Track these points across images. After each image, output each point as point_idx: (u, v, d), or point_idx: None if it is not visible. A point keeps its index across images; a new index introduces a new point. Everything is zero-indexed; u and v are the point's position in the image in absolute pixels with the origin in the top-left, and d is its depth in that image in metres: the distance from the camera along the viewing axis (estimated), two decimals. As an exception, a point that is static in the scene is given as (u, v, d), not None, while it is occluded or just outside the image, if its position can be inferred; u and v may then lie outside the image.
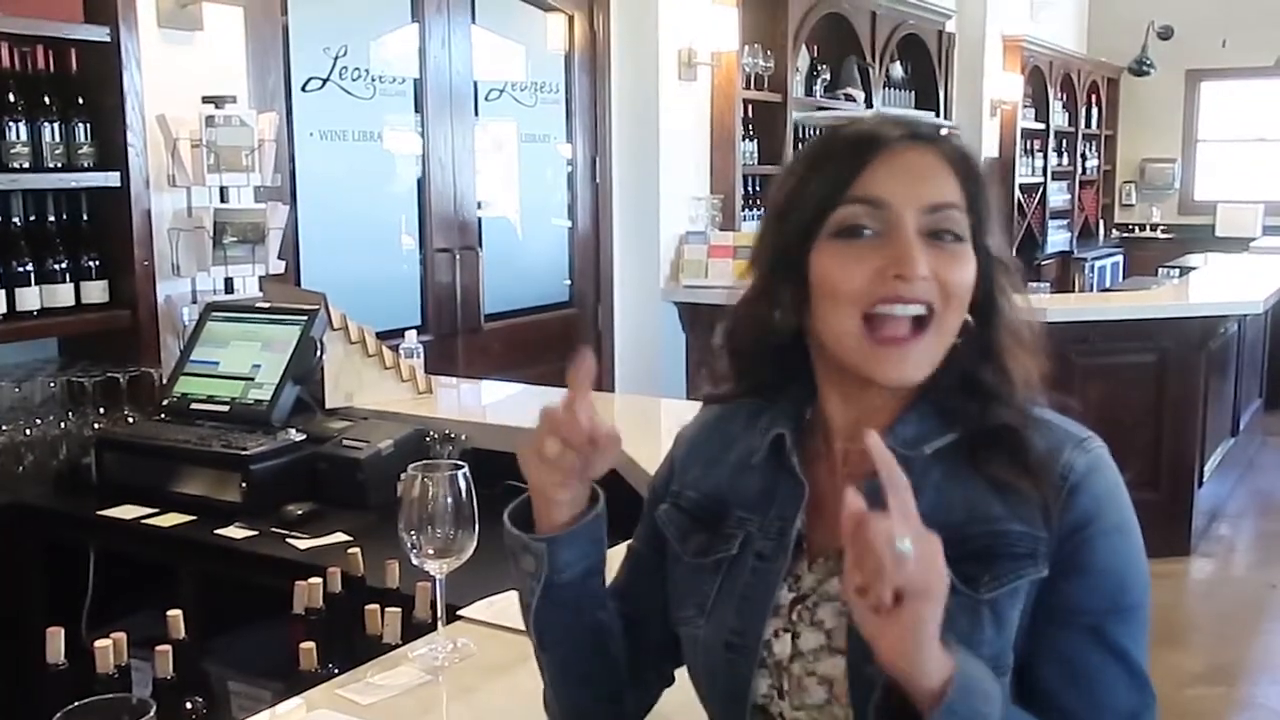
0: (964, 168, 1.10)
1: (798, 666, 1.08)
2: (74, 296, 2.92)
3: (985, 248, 1.09)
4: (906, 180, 1.07)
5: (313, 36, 3.84)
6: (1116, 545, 1.06)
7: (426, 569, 1.41)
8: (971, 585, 1.01)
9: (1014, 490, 1.04)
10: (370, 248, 4.22)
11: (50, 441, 2.86)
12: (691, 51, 5.09)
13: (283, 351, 2.65)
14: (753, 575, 1.12)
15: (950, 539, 0.97)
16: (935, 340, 1.07)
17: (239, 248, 3.08)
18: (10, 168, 2.76)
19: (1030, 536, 1.03)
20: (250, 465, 2.44)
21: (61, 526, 2.63)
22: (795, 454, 1.13)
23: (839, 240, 1.07)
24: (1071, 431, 1.09)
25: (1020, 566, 1.03)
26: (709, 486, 1.18)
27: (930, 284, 1.05)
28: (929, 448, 1.08)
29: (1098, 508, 1.05)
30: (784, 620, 1.10)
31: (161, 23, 3.07)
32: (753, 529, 1.13)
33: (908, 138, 1.09)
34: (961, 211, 1.08)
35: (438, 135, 4.34)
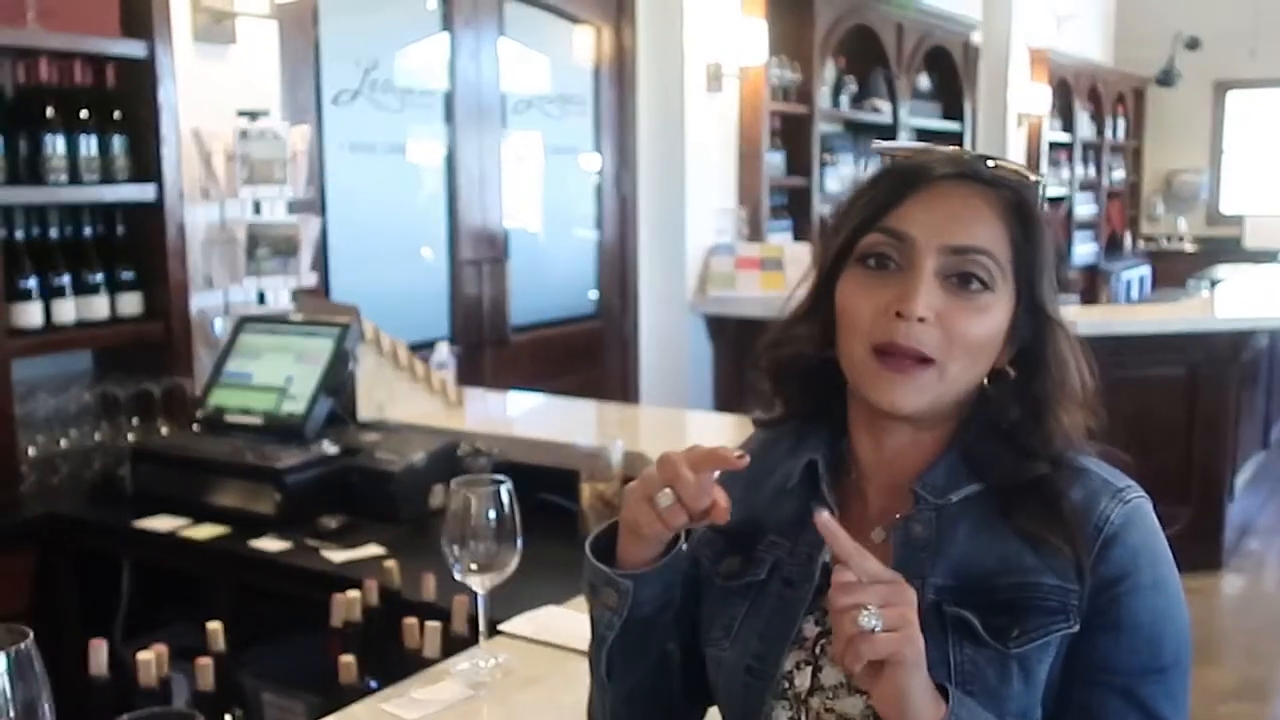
0: (1016, 216, 1.06)
1: (816, 701, 1.07)
2: (109, 309, 2.94)
3: (1033, 301, 1.07)
4: (937, 217, 1.04)
5: (344, 50, 3.86)
6: (1151, 602, 1.02)
7: (469, 584, 1.41)
8: (1000, 639, 1.00)
9: (1045, 544, 1.02)
10: (399, 259, 4.24)
11: (85, 452, 2.88)
12: (718, 64, 5.10)
13: (316, 364, 2.66)
14: (778, 601, 1.11)
15: (979, 589, 0.99)
16: (936, 381, 1.04)
17: (272, 260, 3.10)
18: (48, 181, 2.78)
19: (1062, 590, 1.01)
20: (284, 477, 2.45)
21: (96, 537, 2.64)
22: (826, 481, 1.12)
23: (861, 267, 1.06)
24: (1110, 482, 1.06)
25: (1051, 621, 1.00)
26: (747, 509, 1.16)
27: (931, 330, 1.02)
28: (956, 496, 1.06)
29: (1134, 562, 1.02)
30: (807, 653, 1.08)
31: (197, 37, 3.10)
32: (782, 554, 1.12)
33: (955, 176, 1.06)
34: (994, 259, 1.04)
35: (466, 147, 4.36)
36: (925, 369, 1.03)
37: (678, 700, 1.20)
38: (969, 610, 1.01)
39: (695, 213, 5.12)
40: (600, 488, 2.36)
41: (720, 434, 3.09)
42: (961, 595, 1.02)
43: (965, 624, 1.01)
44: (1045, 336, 1.08)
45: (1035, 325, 1.07)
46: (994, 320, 1.05)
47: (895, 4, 6.23)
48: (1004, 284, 1.05)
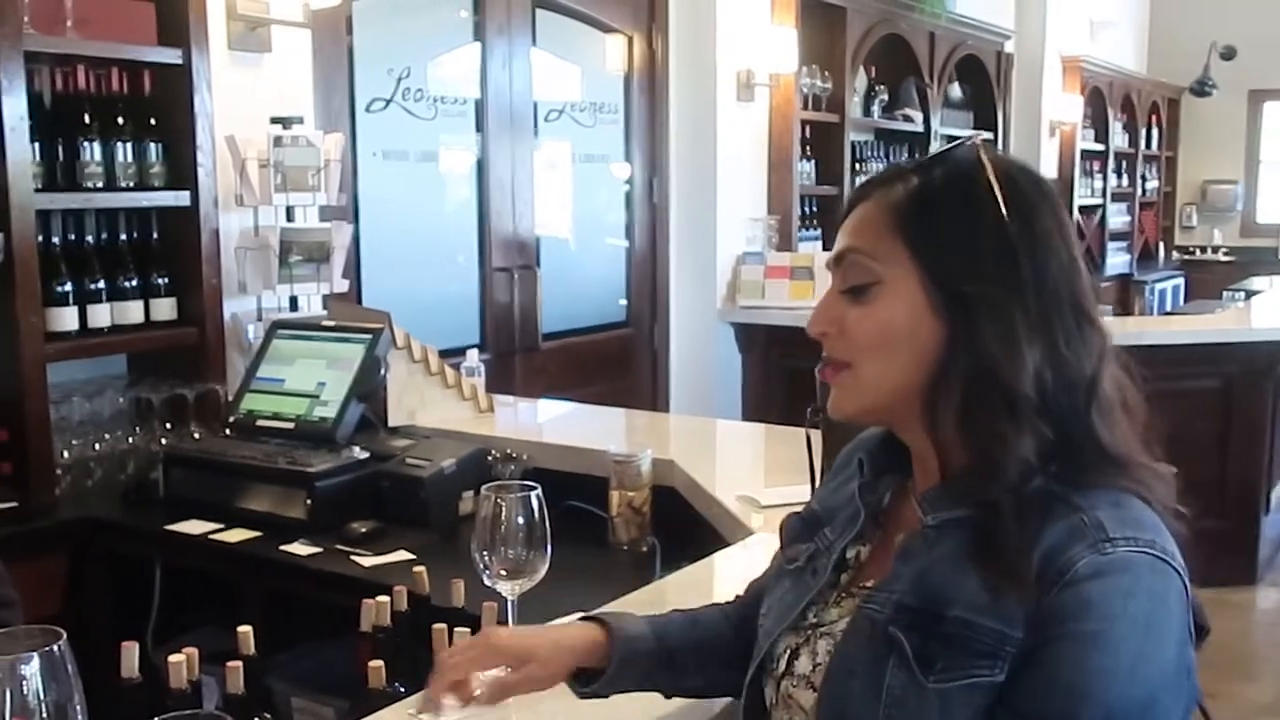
0: (911, 199, 1.04)
1: (786, 684, 1.12)
2: (144, 314, 2.96)
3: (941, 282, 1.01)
4: (839, 234, 1.10)
5: (377, 58, 3.89)
6: (1083, 655, 0.91)
7: (498, 590, 1.41)
8: (924, 669, 0.96)
9: (1000, 592, 0.94)
10: (430, 266, 4.25)
11: (119, 456, 2.91)
12: (750, 73, 5.10)
13: (347, 370, 2.67)
14: (801, 589, 1.15)
15: (931, 616, 0.97)
16: (853, 382, 1.07)
17: (304, 266, 3.12)
18: (84, 187, 2.82)
19: (999, 634, 0.94)
20: (315, 483, 2.46)
21: (128, 540, 2.66)
22: (864, 482, 1.16)
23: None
24: (1103, 529, 0.95)
25: (976, 663, 0.94)
26: (829, 501, 1.21)
27: (835, 340, 1.07)
28: (941, 517, 1.02)
29: (1079, 609, 0.92)
30: (798, 638, 1.13)
31: (232, 45, 3.13)
32: (822, 546, 1.16)
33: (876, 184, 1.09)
34: (864, 253, 1.05)
35: (498, 155, 4.37)
36: (840, 372, 1.08)
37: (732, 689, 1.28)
38: (911, 635, 0.97)
39: (725, 221, 5.12)
40: (629, 495, 2.36)
41: (749, 442, 3.09)
42: (913, 618, 0.98)
43: (901, 648, 0.97)
44: (974, 322, 1.00)
45: (953, 310, 1.01)
46: (884, 311, 1.03)
47: (927, 13, 6.22)
48: (895, 271, 1.03)
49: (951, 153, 1.07)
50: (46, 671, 0.90)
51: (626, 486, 2.36)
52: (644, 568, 2.25)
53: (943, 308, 1.01)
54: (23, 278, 2.66)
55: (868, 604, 1.03)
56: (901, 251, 1.03)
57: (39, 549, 2.62)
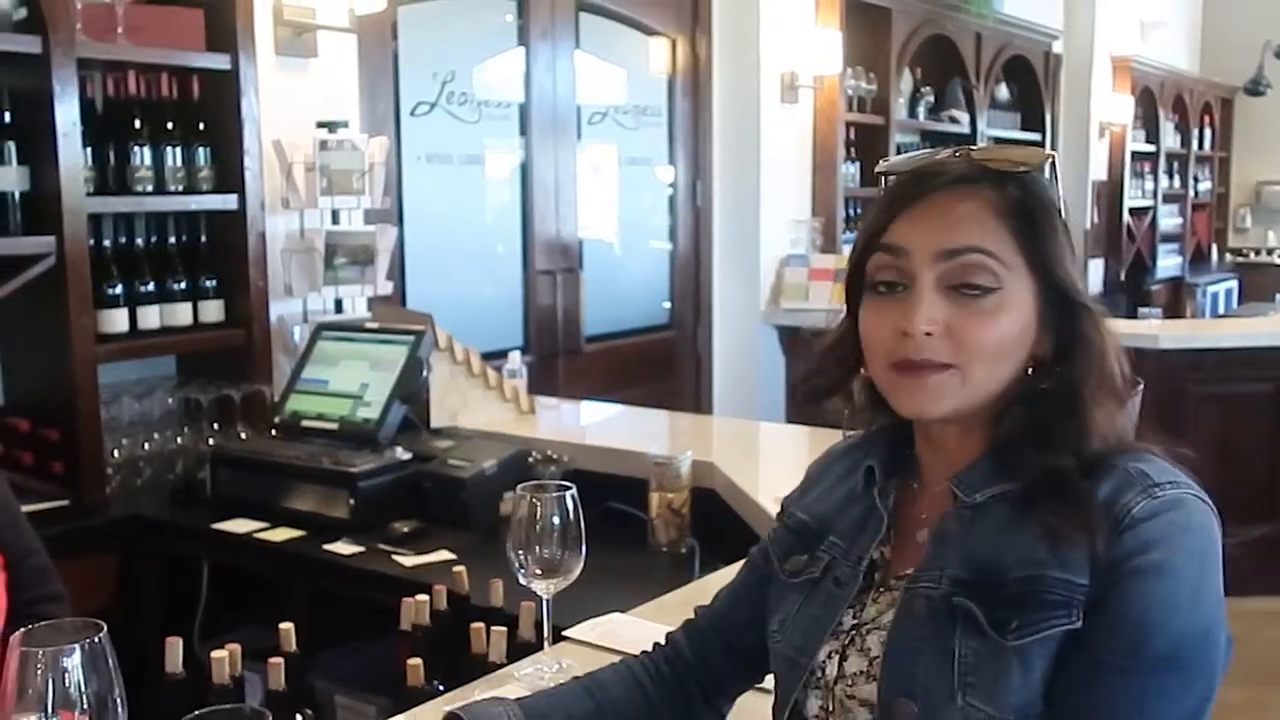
0: (1019, 208, 1.06)
1: (840, 688, 1.10)
2: (192, 315, 3.01)
3: (1055, 288, 1.06)
4: (932, 226, 1.05)
5: (422, 62, 3.92)
6: (1149, 587, 0.96)
7: (533, 589, 1.43)
8: (999, 631, 0.99)
9: (1063, 537, 0.99)
10: (474, 269, 4.28)
11: (167, 455, 2.95)
12: (793, 75, 5.09)
13: (390, 371, 2.70)
14: (826, 600, 1.14)
15: (991, 583, 1.00)
16: (958, 385, 1.05)
17: (349, 269, 3.15)
18: (135, 191, 2.87)
19: (1068, 584, 0.98)
20: (358, 483, 2.49)
21: (176, 539, 2.70)
22: (879, 486, 1.16)
23: (873, 294, 1.09)
24: (1148, 476, 1.02)
25: (1052, 615, 0.98)
26: (819, 510, 1.22)
27: (940, 341, 1.04)
28: (987, 494, 1.06)
29: (1141, 546, 0.98)
30: (839, 643, 1.12)
31: (279, 50, 3.17)
32: (838, 555, 1.16)
33: (951, 183, 1.07)
34: (992, 255, 1.04)
35: (541, 158, 4.39)
36: (943, 372, 1.05)
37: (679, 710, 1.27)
38: (976, 603, 1.01)
39: (769, 224, 5.11)
40: (669, 497, 2.37)
41: (791, 445, 3.08)
42: (973, 588, 1.02)
43: (970, 616, 1.01)
44: (1073, 322, 1.07)
45: (1062, 312, 1.07)
46: (1008, 321, 1.05)
47: (974, 13, 6.17)
48: (1014, 277, 1.05)
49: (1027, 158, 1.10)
50: (88, 663, 0.92)
51: (666, 488, 2.37)
52: (683, 569, 2.26)
53: (1049, 317, 1.07)
54: (74, 280, 2.70)
55: (915, 586, 1.06)
56: (1018, 258, 1.05)
57: (89, 546, 2.66)
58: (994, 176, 1.08)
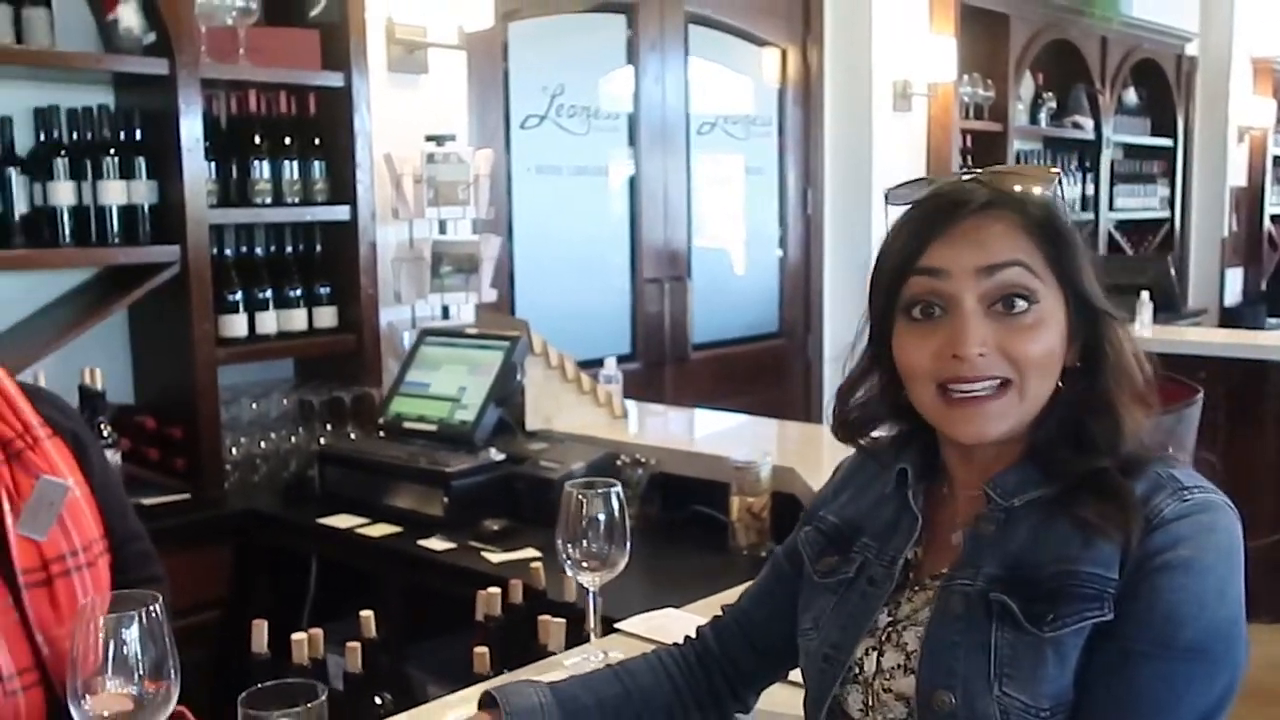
0: (1043, 225, 1.10)
1: (878, 683, 1.14)
2: (307, 321, 3.16)
3: (1081, 299, 1.11)
4: (969, 245, 1.08)
5: (532, 77, 4.04)
6: (1178, 581, 1.02)
7: (580, 581, 1.49)
8: (1036, 624, 1.04)
9: (1096, 531, 1.04)
10: (582, 277, 4.37)
11: (282, 454, 3.11)
12: (906, 83, 5.07)
13: (487, 375, 2.79)
14: (861, 598, 1.18)
15: (1026, 579, 1.05)
16: (1016, 402, 1.08)
17: (454, 277, 3.27)
18: (254, 203, 3.03)
19: (1100, 578, 1.03)
20: (451, 482, 2.59)
21: (286, 533, 2.84)
22: (913, 489, 1.19)
23: (908, 320, 1.11)
24: (1178, 480, 1.07)
25: (1086, 607, 1.03)
26: (850, 513, 1.26)
27: (993, 359, 1.07)
28: (1020, 500, 1.10)
29: (1170, 543, 1.03)
30: (876, 640, 1.15)
31: (391, 68, 3.30)
32: (871, 555, 1.20)
33: (980, 205, 1.10)
34: (1028, 268, 1.08)
35: (650, 168, 4.47)
36: (1002, 395, 1.08)
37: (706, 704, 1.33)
38: (1013, 598, 1.05)
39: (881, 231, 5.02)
40: (749, 500, 2.41)
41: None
42: (1009, 585, 1.06)
43: (1007, 610, 1.05)
44: (1100, 329, 1.11)
45: (1089, 321, 1.11)
46: (1050, 332, 1.09)
47: (1098, 17, 6.03)
48: (1048, 291, 1.09)
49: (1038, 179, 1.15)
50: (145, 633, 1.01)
51: (746, 492, 2.41)
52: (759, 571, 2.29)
53: (1076, 327, 1.11)
54: (197, 287, 2.88)
55: (951, 584, 1.10)
56: (1049, 273, 1.09)
57: (207, 538, 2.82)
58: (1017, 200, 1.11)
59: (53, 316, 2.90)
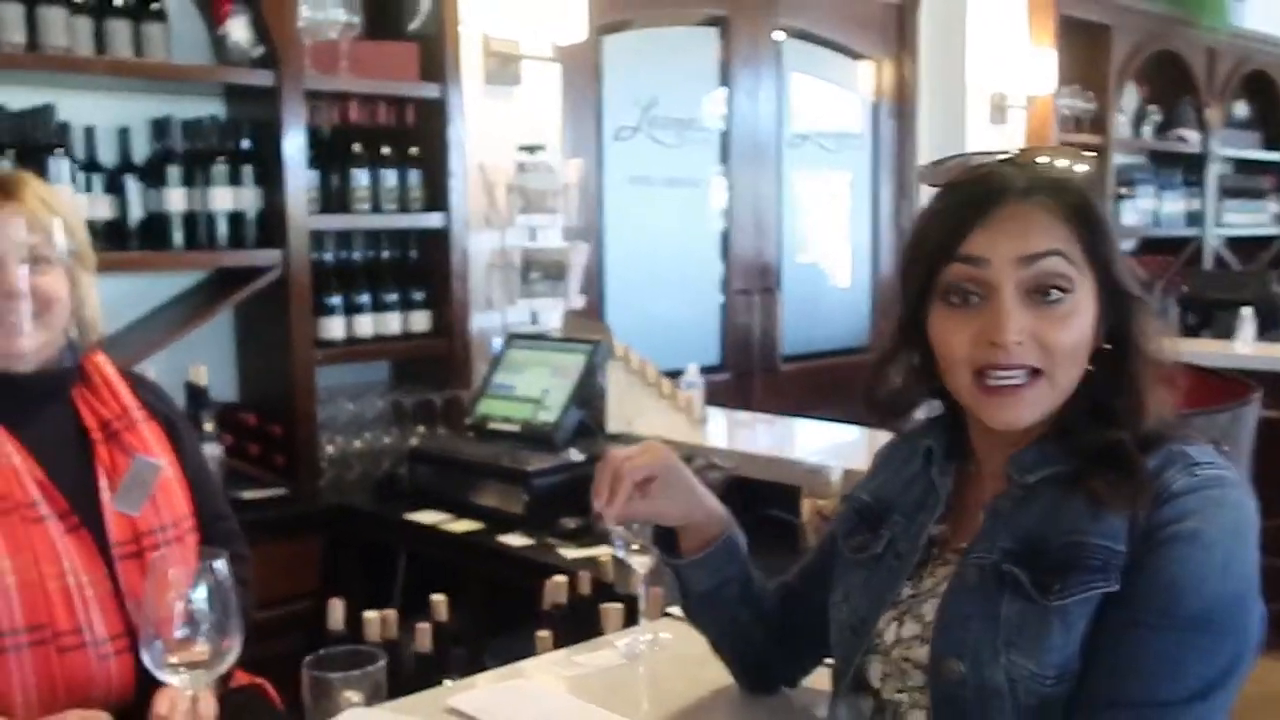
0: (1080, 212, 1.12)
1: (897, 652, 1.18)
2: (401, 325, 3.28)
3: (1112, 285, 1.13)
4: (1008, 234, 1.10)
5: (625, 89, 4.12)
6: (1182, 552, 1.04)
7: (630, 564, 1.55)
8: (1042, 592, 1.07)
9: (1106, 503, 1.07)
10: (673, 287, 4.43)
11: (376, 453, 3.22)
12: (1003, 95, 5.04)
13: (569, 378, 2.87)
14: (888, 572, 1.22)
15: (1036, 551, 1.08)
16: (1048, 391, 1.11)
17: (543, 283, 3.36)
18: (354, 210, 3.16)
19: (1107, 550, 1.06)
20: (532, 480, 2.67)
21: (377, 528, 2.95)
22: (938, 466, 1.23)
23: (945, 305, 1.14)
24: (1190, 456, 1.09)
25: (1092, 578, 1.05)
26: (883, 492, 1.30)
27: (1029, 347, 1.09)
28: (1039, 474, 1.13)
29: (1177, 516, 1.05)
30: (897, 611, 1.20)
31: (486, 80, 3.41)
32: (899, 531, 1.24)
33: (1019, 192, 1.12)
34: (1066, 257, 1.10)
35: (741, 180, 4.52)
36: (1035, 384, 1.11)
37: (767, 656, 1.43)
38: (1023, 569, 1.08)
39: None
40: (820, 504, 2.43)
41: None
42: (1020, 557, 1.10)
43: (1016, 581, 1.09)
44: (1130, 314, 1.14)
45: (1118, 305, 1.14)
46: (1083, 322, 1.11)
47: (1205, 28, 5.91)
48: (1082, 279, 1.11)
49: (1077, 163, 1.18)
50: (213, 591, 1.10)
51: (817, 495, 2.43)
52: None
53: (1106, 311, 1.13)
54: (297, 291, 3.01)
55: (969, 557, 1.14)
56: (1083, 259, 1.12)
57: (302, 531, 2.95)
58: (1056, 186, 1.13)
59: (164, 316, 3.05)
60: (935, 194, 1.20)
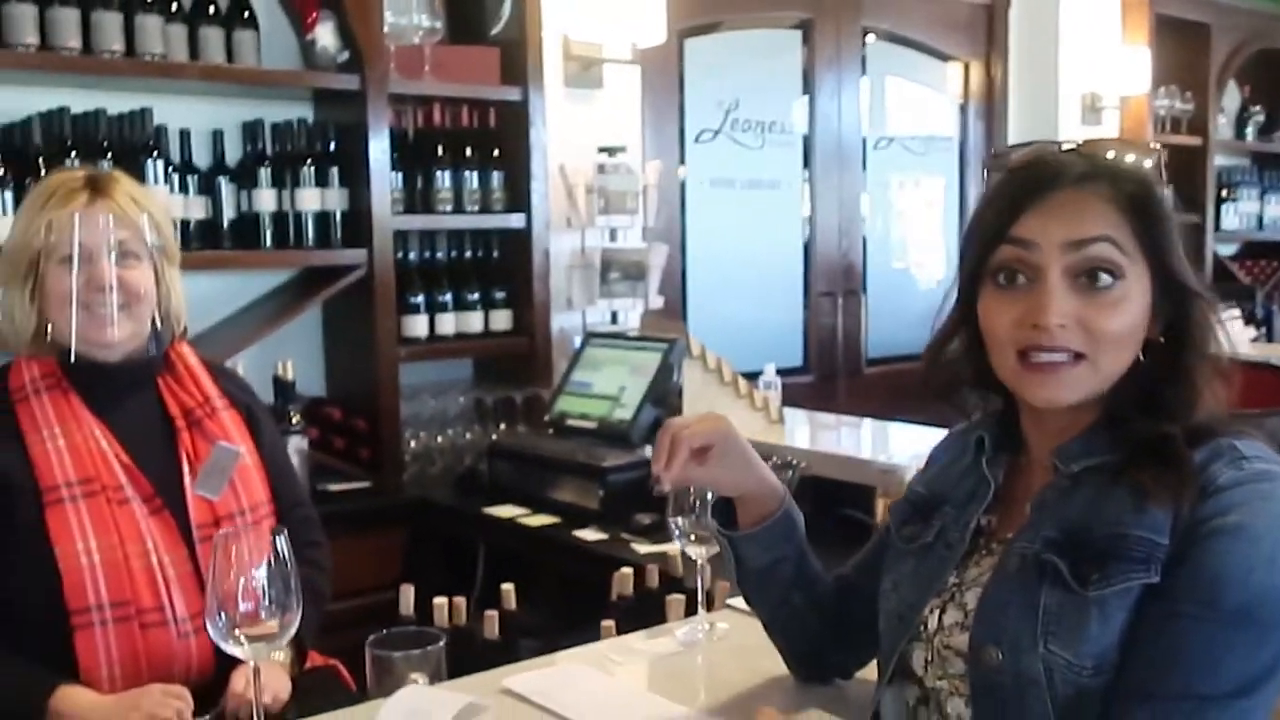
0: (1135, 201, 1.11)
1: (939, 639, 1.18)
2: (483, 324, 3.34)
3: (1168, 277, 1.11)
4: (1059, 219, 1.10)
5: (706, 91, 4.14)
6: (1226, 544, 1.02)
7: (689, 553, 1.57)
8: (1081, 583, 1.07)
9: (1151, 496, 1.06)
10: (755, 289, 4.43)
11: (458, 449, 3.28)
12: (1095, 95, 4.95)
13: (645, 375, 2.90)
14: (936, 561, 1.22)
15: (1078, 542, 1.07)
16: (1090, 374, 1.11)
17: (622, 283, 3.39)
18: (437, 210, 3.23)
19: (1149, 542, 1.05)
20: (607, 476, 2.70)
21: (456, 521, 3.01)
22: (989, 457, 1.23)
23: (994, 285, 1.14)
24: (1239, 451, 1.08)
25: (1132, 569, 1.05)
26: (938, 484, 1.30)
27: (1073, 331, 1.09)
28: (1085, 464, 1.13)
29: (1223, 509, 1.03)
30: (942, 600, 1.20)
31: (567, 83, 3.46)
32: (949, 521, 1.24)
33: (1075, 179, 1.11)
34: (1116, 244, 1.09)
35: (825, 182, 4.50)
36: (1077, 365, 1.10)
37: (820, 644, 1.43)
38: (1063, 559, 1.08)
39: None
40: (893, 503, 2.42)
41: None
42: (1061, 546, 1.09)
43: (1056, 570, 1.08)
44: (1187, 308, 1.12)
45: (1175, 299, 1.12)
46: (1132, 309, 1.10)
47: (1310, 25, 5.74)
48: (1134, 268, 1.10)
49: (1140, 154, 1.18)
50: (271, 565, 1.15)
51: (891, 495, 2.42)
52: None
53: (1162, 304, 1.12)
54: (381, 289, 3.08)
55: (1013, 546, 1.14)
56: (1137, 250, 1.11)
57: (384, 524, 3.03)
58: (1113, 174, 1.13)
59: (256, 313, 3.15)
60: (998, 179, 1.20)
